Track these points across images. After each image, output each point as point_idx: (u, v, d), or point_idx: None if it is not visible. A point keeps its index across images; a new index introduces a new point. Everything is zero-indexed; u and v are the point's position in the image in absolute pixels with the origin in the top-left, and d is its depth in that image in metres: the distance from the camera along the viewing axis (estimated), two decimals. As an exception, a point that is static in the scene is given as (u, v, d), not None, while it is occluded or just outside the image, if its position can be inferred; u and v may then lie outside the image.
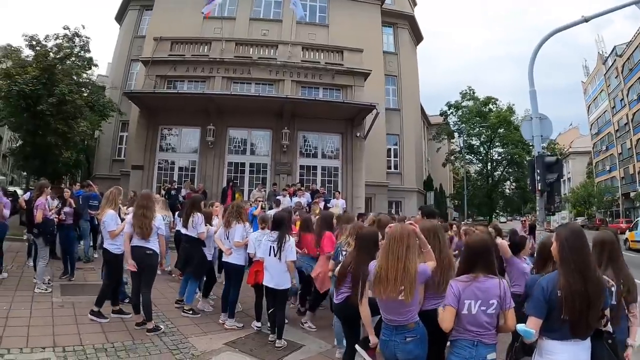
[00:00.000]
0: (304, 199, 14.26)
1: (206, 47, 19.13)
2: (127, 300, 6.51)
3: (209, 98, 16.86)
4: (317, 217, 7.62)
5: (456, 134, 31.33)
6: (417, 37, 30.41)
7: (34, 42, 18.27)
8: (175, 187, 16.11)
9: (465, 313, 2.84)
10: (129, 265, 5.69)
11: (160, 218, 6.07)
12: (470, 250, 3.07)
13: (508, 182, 31.61)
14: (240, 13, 22.21)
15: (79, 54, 20.63)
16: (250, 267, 6.24)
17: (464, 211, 33.89)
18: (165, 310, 6.74)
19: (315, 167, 18.37)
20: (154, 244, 5.85)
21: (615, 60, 47.33)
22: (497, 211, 34.90)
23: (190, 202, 7.56)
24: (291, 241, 5.53)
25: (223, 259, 6.59)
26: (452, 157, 32.04)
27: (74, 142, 21.76)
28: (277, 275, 5.47)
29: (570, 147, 64.98)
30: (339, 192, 16.21)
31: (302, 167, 18.27)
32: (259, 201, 11.87)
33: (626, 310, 3.19)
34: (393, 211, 24.30)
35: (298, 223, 7.75)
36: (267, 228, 5.97)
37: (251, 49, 19.34)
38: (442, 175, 42.89)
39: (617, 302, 3.02)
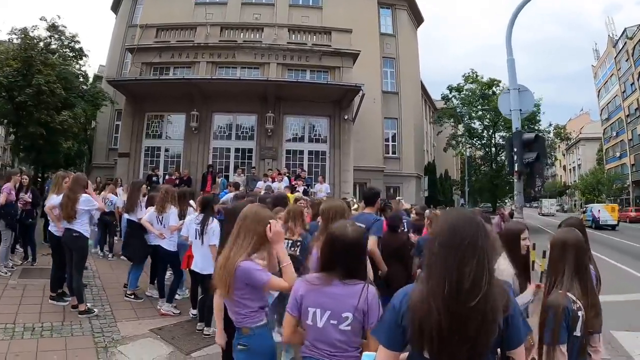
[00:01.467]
0: (283, 183, 13.98)
1: (191, 32, 18.91)
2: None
3: (192, 83, 16.68)
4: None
5: (458, 118, 30.50)
6: (418, 19, 29.68)
7: (22, 35, 18.31)
8: (157, 173, 16.07)
9: (310, 324, 2.20)
10: None
11: (87, 199, 5.92)
12: (327, 242, 2.31)
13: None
14: (232, -3, 22.04)
15: (69, 44, 20.82)
16: (186, 251, 6.04)
17: (466, 198, 33.28)
18: (112, 294, 6.77)
19: (302, 152, 17.99)
20: (81, 226, 5.80)
21: (625, 42, 45.32)
22: (503, 198, 33.93)
23: (133, 187, 7.75)
24: (214, 224, 5.22)
25: (153, 243, 6.50)
26: (454, 142, 31.21)
27: (73, 132, 22.07)
28: (201, 260, 5.24)
29: (580, 132, 63.25)
30: (322, 177, 15.81)
31: (288, 151, 17.93)
32: (230, 187, 11.74)
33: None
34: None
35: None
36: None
37: (237, 32, 19.02)
38: (449, 161, 42.17)
39: (584, 333, 2.25)
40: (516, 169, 7.60)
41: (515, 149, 7.56)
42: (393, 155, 25.25)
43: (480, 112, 28.30)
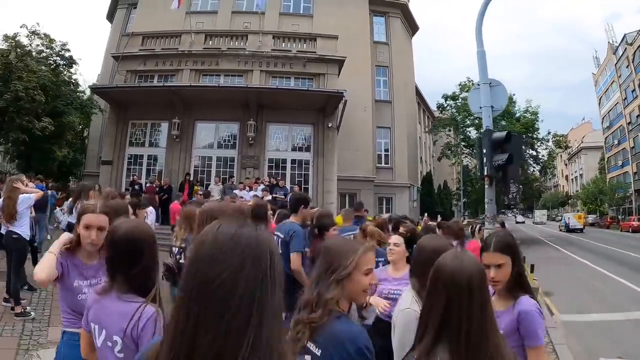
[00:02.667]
0: (257, 192, 13.73)
1: (176, 40, 18.91)
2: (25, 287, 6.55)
3: (173, 91, 16.57)
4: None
5: (454, 126, 29.92)
6: (412, 27, 29.47)
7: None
8: (139, 181, 15.99)
9: (95, 342, 1.81)
10: None
11: (25, 198, 5.85)
12: (106, 240, 1.97)
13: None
14: (223, 7, 22.06)
15: (60, 52, 21.07)
16: None
17: (462, 209, 32.64)
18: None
19: (284, 160, 17.70)
20: (20, 228, 5.79)
21: (625, 49, 44.54)
22: (503, 209, 33.21)
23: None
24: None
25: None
26: (448, 151, 30.63)
27: (66, 140, 22.31)
28: None
29: (582, 142, 62.27)
30: (297, 187, 15.61)
31: (270, 160, 17.64)
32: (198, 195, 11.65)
33: None
34: (384, 208, 23.55)
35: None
36: None
37: (221, 40, 18.96)
38: (448, 171, 41.61)
39: None
40: (486, 172, 6.54)
41: (484, 150, 6.56)
42: (385, 165, 24.89)
43: (476, 121, 27.72)
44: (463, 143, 30.30)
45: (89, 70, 51.89)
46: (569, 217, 40.50)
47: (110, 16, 27.49)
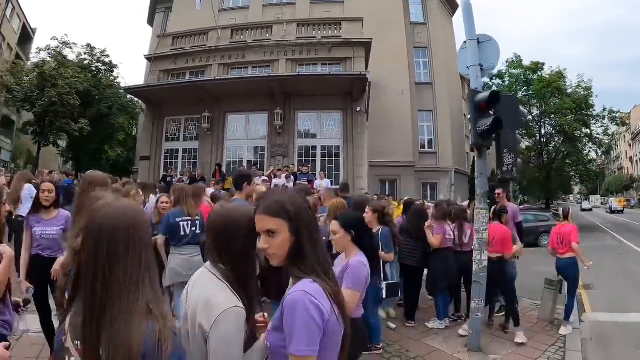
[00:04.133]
0: (281, 180, 13.72)
1: (204, 37, 19.31)
2: None
3: (202, 86, 16.94)
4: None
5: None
6: (452, 6, 28.24)
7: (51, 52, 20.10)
8: (171, 174, 16.52)
9: None
10: None
11: (30, 188, 6.55)
12: None
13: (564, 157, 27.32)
14: (254, 1, 22.32)
15: (100, 59, 22.55)
16: None
17: (517, 194, 30.66)
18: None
19: (314, 147, 17.53)
20: (24, 211, 6.04)
21: None
22: (558, 193, 30.84)
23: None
24: None
25: None
26: None
27: (118, 140, 23.93)
28: None
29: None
30: (323, 173, 15.37)
31: (300, 147, 17.53)
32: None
33: None
34: (428, 194, 22.74)
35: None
36: None
37: (247, 33, 19.15)
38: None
39: None
40: (472, 141, 5.87)
41: (469, 116, 6.09)
42: (429, 150, 24.13)
43: (524, 99, 26.04)
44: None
45: (135, 74, 54.62)
46: (612, 201, 53.53)
47: (151, 21, 28.73)
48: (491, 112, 5.47)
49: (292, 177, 13.74)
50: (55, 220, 3.98)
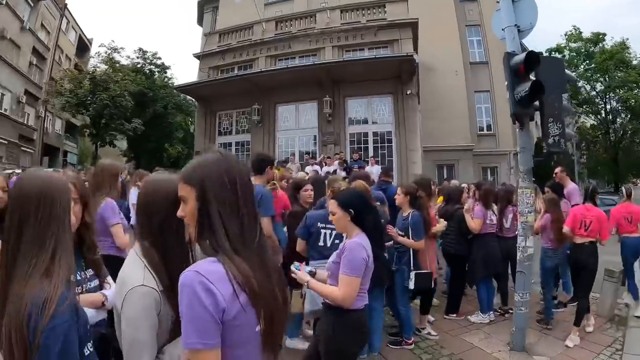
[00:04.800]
0: (332, 167, 13.58)
1: (250, 31, 19.55)
2: None
3: (250, 80, 17.10)
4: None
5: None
6: (503, -21, 26.89)
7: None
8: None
9: None
10: None
11: None
12: None
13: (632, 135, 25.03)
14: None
15: (152, 61, 23.57)
16: None
17: (584, 177, 28.76)
18: None
19: (366, 134, 17.21)
20: None
21: None
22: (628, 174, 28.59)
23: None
24: None
25: None
26: None
27: (177, 138, 25.11)
28: None
29: None
30: (373, 158, 14.99)
31: (352, 135, 17.29)
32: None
33: None
34: (489, 179, 21.82)
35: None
36: None
37: (291, 23, 19.15)
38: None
39: None
40: (511, 111, 5.07)
41: (506, 82, 5.12)
42: (488, 132, 23.12)
43: (587, 73, 24.42)
44: (574, 101, 26.96)
45: (188, 74, 56.63)
46: None
47: (200, 21, 29.47)
48: (531, 77, 4.82)
49: (344, 164, 13.53)
50: None
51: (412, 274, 4.51)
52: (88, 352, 1.36)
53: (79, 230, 1.99)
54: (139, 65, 23.69)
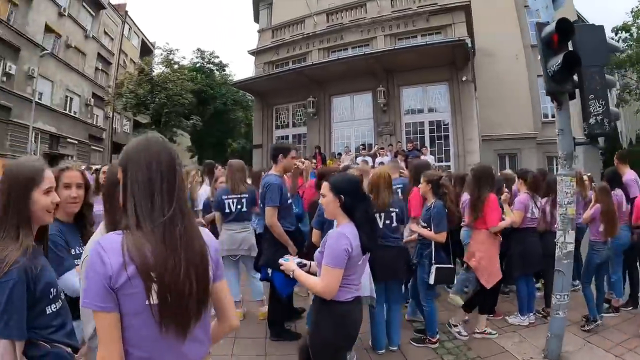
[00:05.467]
0: (386, 158, 13.60)
1: (302, 25, 19.85)
2: None
3: (302, 72, 17.40)
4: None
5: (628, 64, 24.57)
6: (561, -46, 25.42)
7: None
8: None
9: None
10: None
11: None
12: None
13: None
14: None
15: (210, 60, 24.65)
16: None
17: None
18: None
19: (422, 123, 17.04)
20: None
21: None
22: None
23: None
24: None
25: None
26: (627, 95, 25.17)
27: (240, 133, 26.34)
28: None
29: None
30: (426, 148, 14.65)
31: (407, 125, 17.20)
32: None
33: None
34: (554, 169, 20.67)
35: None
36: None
37: (342, 14, 19.18)
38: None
39: None
40: (545, 89, 4.58)
41: (539, 56, 4.57)
42: (553, 119, 21.66)
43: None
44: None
45: (247, 71, 57.97)
46: None
47: (257, 18, 30.11)
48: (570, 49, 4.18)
49: (403, 153, 13.46)
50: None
51: (433, 268, 4.31)
52: (50, 311, 1.66)
53: (82, 209, 2.47)
54: (198, 65, 24.96)
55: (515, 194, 5.60)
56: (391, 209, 4.22)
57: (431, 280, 4.30)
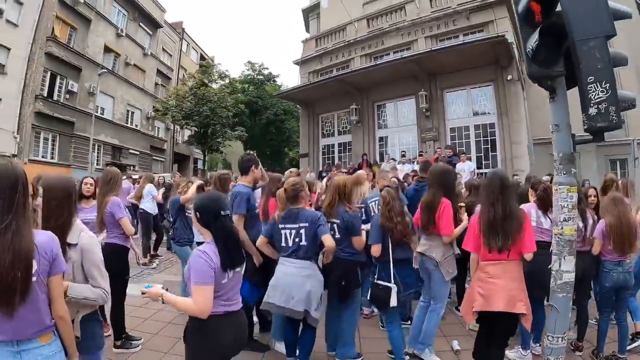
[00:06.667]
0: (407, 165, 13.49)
1: (343, 32, 19.95)
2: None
3: (344, 80, 17.50)
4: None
5: None
6: None
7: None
8: (325, 169, 17.48)
9: None
10: None
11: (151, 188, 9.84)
12: None
13: None
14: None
15: (260, 72, 25.71)
16: None
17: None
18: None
19: (467, 128, 16.42)
20: (144, 204, 9.63)
21: None
22: None
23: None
24: None
25: None
26: None
27: (295, 141, 27.81)
28: None
29: None
30: (464, 154, 13.86)
31: (452, 129, 16.69)
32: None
33: None
34: (618, 173, 18.87)
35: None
36: None
37: (382, 19, 19.01)
38: None
39: None
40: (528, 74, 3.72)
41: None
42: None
43: None
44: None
45: (297, 81, 58.72)
46: None
47: (307, 28, 30.51)
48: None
49: (441, 160, 13.14)
50: (93, 209, 4.56)
51: (371, 284, 4.12)
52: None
53: None
54: (249, 77, 26.29)
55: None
56: (333, 220, 4.16)
57: (368, 296, 4.12)
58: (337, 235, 4.10)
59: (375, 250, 4.03)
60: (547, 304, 3.78)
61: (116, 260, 4.28)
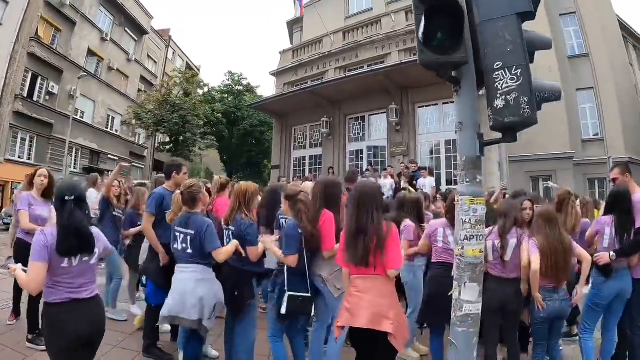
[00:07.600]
0: (387, 180, 13.00)
1: (319, 45, 19.78)
2: None
3: (315, 92, 17.21)
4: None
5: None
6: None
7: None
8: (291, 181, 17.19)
9: None
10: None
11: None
12: None
13: None
14: (376, 2, 21.68)
15: (239, 82, 25.76)
16: None
17: None
18: None
19: (437, 144, 16.08)
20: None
21: None
22: None
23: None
24: None
25: None
26: None
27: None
28: None
29: None
30: (425, 170, 13.35)
31: (423, 144, 16.36)
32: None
33: None
34: (597, 193, 18.65)
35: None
36: None
37: (357, 32, 18.85)
38: None
39: None
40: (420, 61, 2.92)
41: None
42: (594, 137, 19.69)
43: None
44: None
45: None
46: None
47: (292, 40, 30.52)
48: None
49: (404, 175, 12.86)
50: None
51: (286, 296, 3.66)
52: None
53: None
54: (228, 87, 26.32)
55: None
56: (229, 227, 3.99)
57: (283, 310, 3.64)
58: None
59: (292, 260, 3.67)
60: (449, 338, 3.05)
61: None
